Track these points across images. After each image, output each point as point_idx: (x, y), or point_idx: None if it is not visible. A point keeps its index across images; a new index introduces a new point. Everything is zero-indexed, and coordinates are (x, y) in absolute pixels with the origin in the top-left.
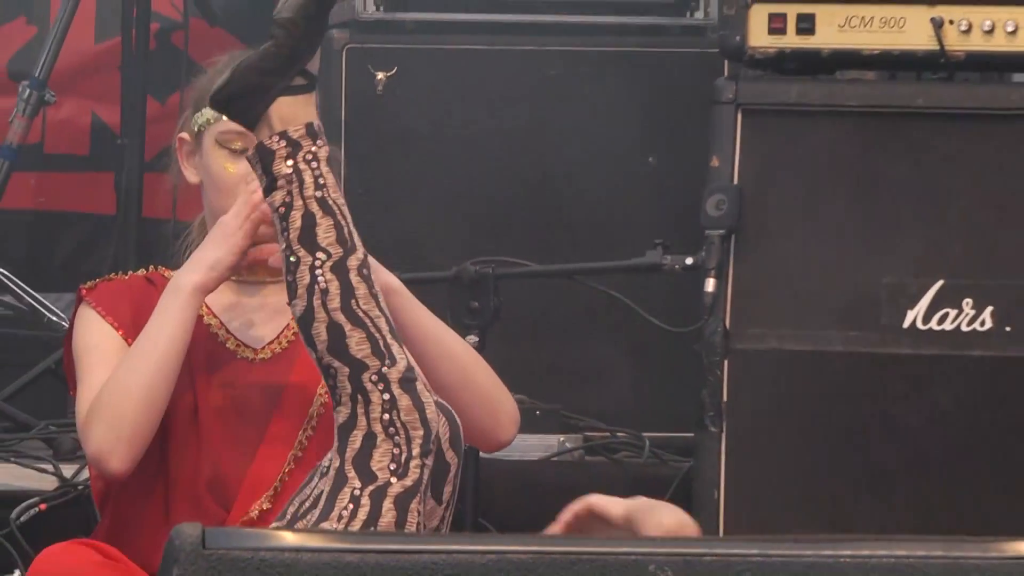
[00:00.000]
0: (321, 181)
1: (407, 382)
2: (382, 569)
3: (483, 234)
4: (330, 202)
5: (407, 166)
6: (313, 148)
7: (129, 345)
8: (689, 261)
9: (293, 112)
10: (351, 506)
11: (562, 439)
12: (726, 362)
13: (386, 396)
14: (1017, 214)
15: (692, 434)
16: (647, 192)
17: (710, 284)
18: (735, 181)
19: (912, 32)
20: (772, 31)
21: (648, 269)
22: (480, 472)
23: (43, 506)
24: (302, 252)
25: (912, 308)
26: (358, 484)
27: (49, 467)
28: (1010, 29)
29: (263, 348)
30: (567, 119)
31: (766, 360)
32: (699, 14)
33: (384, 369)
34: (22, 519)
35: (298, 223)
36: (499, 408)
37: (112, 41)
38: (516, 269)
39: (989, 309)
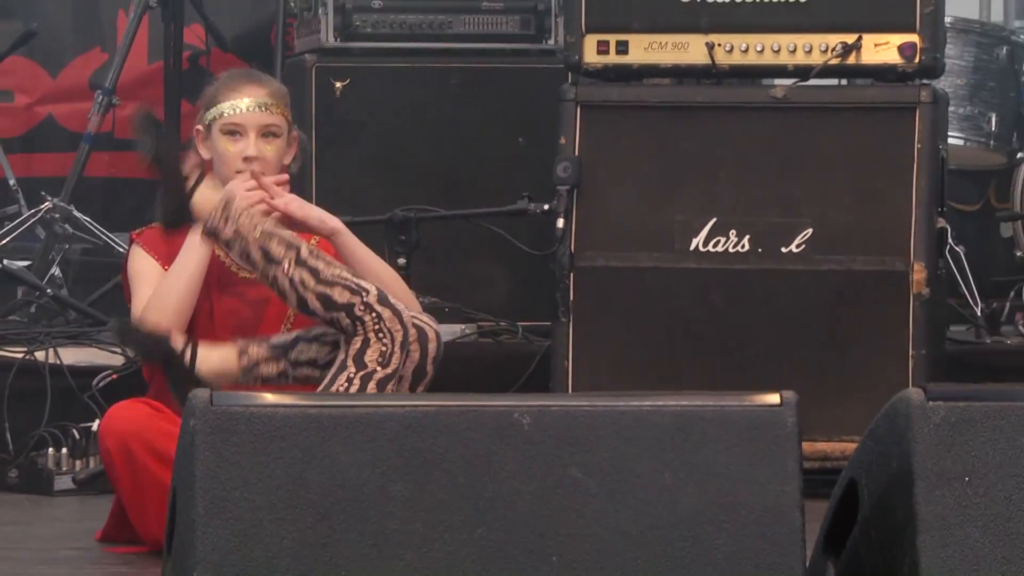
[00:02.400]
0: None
1: (383, 300)
2: (331, 418)
3: (408, 189)
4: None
5: (357, 145)
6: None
7: (165, 271)
8: (546, 207)
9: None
10: (345, 384)
11: (463, 327)
12: (571, 275)
13: (372, 314)
14: (764, 172)
15: (550, 323)
16: (519, 161)
17: (560, 223)
18: (576, 153)
19: (694, 52)
20: (599, 52)
21: (519, 213)
22: None
23: (114, 376)
24: (271, 268)
25: (696, 237)
26: (353, 370)
27: (118, 351)
28: (759, 49)
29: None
30: (464, 113)
31: (598, 273)
32: (551, 41)
33: (365, 298)
34: (99, 385)
35: (259, 254)
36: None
37: (158, 63)
38: (430, 214)
39: (747, 237)
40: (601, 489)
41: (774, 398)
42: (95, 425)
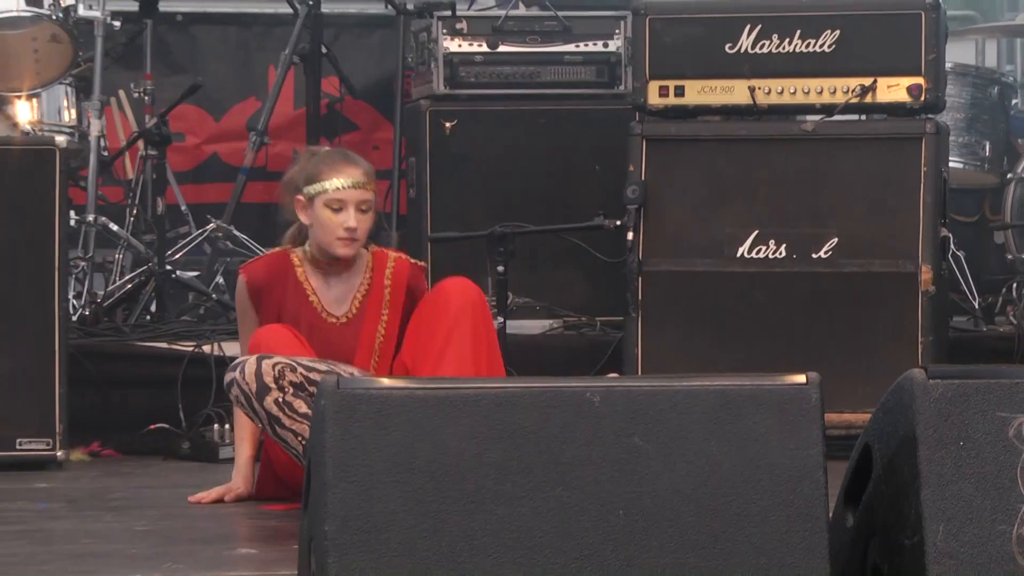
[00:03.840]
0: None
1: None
2: (436, 397)
3: (505, 209)
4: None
5: (463, 174)
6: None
7: (256, 319)
8: (618, 223)
9: None
10: None
11: (551, 322)
12: (639, 278)
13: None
14: (796, 192)
15: (622, 318)
16: (596, 185)
17: (630, 235)
18: (642, 178)
19: (738, 94)
20: (661, 95)
21: (596, 228)
22: (507, 340)
23: None
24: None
25: (741, 246)
26: None
27: None
28: (792, 91)
29: (342, 316)
30: (550, 146)
31: (661, 276)
32: (621, 87)
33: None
34: None
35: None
36: None
37: (302, 109)
38: (523, 229)
39: (783, 245)
40: (658, 454)
41: (801, 378)
42: None
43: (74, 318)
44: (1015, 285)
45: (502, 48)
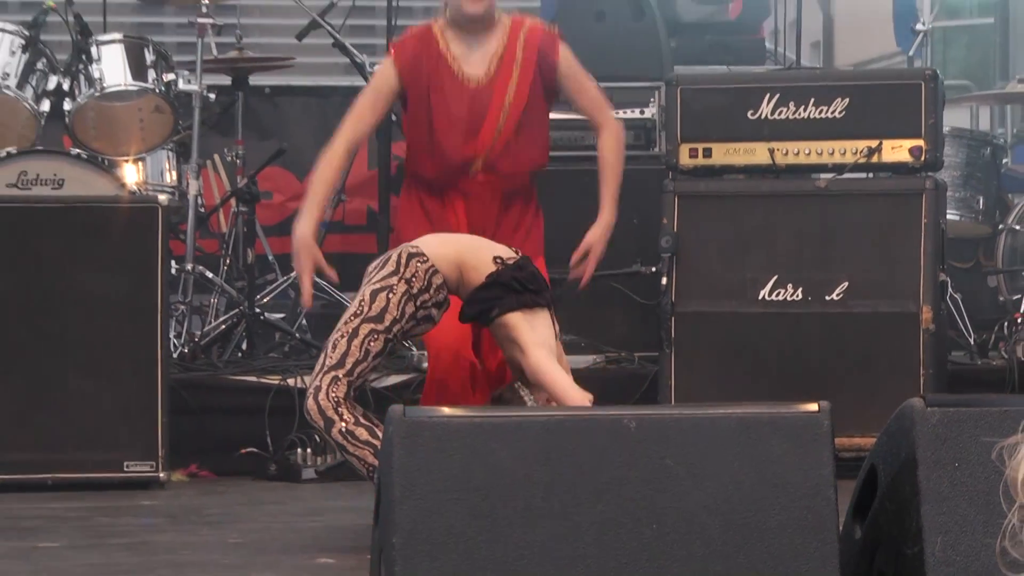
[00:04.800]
0: None
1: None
2: (490, 424)
3: (555, 253)
4: None
5: None
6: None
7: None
8: (653, 269)
9: None
10: None
11: (595, 357)
12: (672, 318)
13: None
14: (811, 241)
15: (657, 353)
16: (633, 235)
17: (664, 280)
18: (675, 230)
19: (759, 155)
20: (691, 156)
21: (635, 273)
22: None
23: None
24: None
25: (763, 289)
26: None
27: None
28: (807, 152)
29: (479, 78)
30: (596, 200)
31: (692, 317)
32: (656, 149)
33: None
34: None
35: None
36: None
37: (375, 170)
38: (565, 275)
39: (800, 288)
40: (687, 475)
41: (814, 406)
42: None
43: (175, 355)
44: (1006, 324)
45: (553, 115)
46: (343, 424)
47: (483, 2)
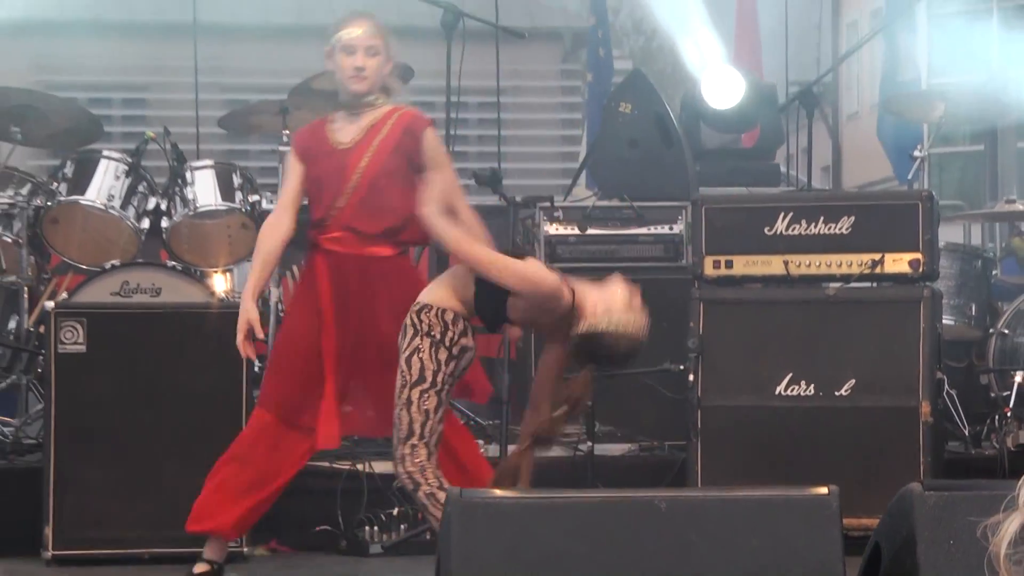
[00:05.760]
0: None
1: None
2: (537, 505)
3: None
4: None
5: None
6: None
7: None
8: (681, 367)
9: None
10: None
11: (629, 446)
12: (699, 410)
13: None
14: (822, 343)
15: (685, 442)
16: (663, 337)
17: (691, 377)
18: (701, 332)
19: (775, 266)
20: (714, 267)
21: (665, 371)
22: (595, 460)
23: None
24: None
25: (779, 385)
26: None
27: None
28: (817, 264)
29: (346, 144)
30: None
31: (716, 409)
32: (683, 261)
33: None
34: (398, 486)
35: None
36: None
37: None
38: (608, 372)
39: (812, 385)
40: (711, 548)
41: (824, 489)
42: (395, 511)
43: None
44: (997, 417)
45: (590, 231)
46: (428, 487)
47: (365, 82)
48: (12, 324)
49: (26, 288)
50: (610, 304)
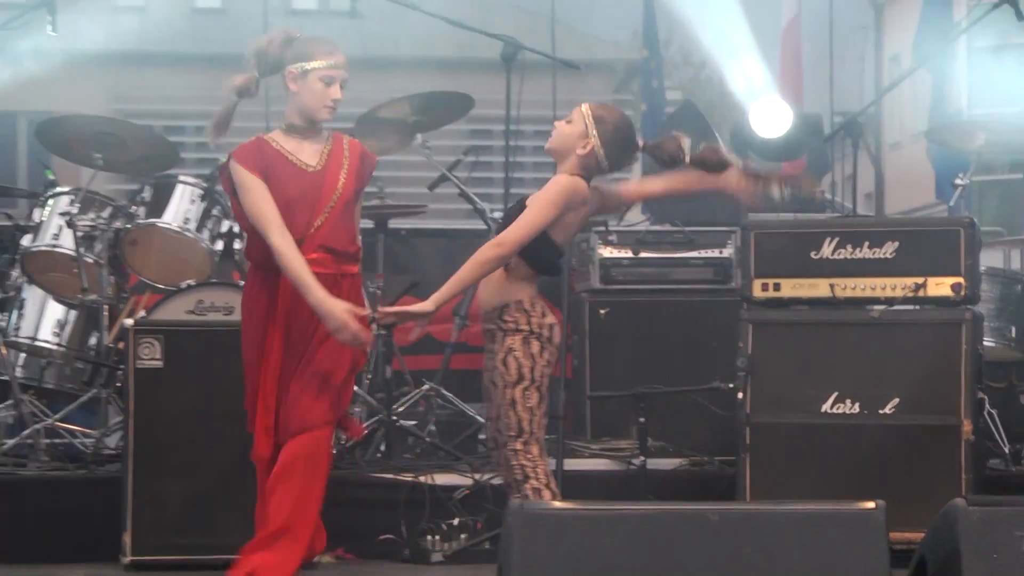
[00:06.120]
0: None
1: None
2: (593, 516)
3: (646, 373)
4: None
5: (615, 348)
6: None
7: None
8: (731, 386)
9: None
10: None
11: (680, 460)
12: (747, 427)
13: None
14: (866, 364)
15: (734, 457)
16: (713, 357)
17: (740, 395)
18: (749, 352)
19: (821, 289)
20: (763, 290)
21: (715, 389)
22: (648, 474)
23: (467, 491)
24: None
25: (825, 403)
26: None
27: (468, 475)
28: (863, 287)
29: (314, 165)
30: (680, 335)
31: (764, 427)
32: (733, 284)
33: None
34: (459, 496)
35: None
36: None
37: None
38: (659, 390)
39: (857, 403)
40: (760, 560)
41: (871, 504)
42: (456, 521)
43: None
44: None
45: (643, 254)
46: (536, 483)
47: (332, 111)
48: (93, 340)
49: (106, 306)
50: None
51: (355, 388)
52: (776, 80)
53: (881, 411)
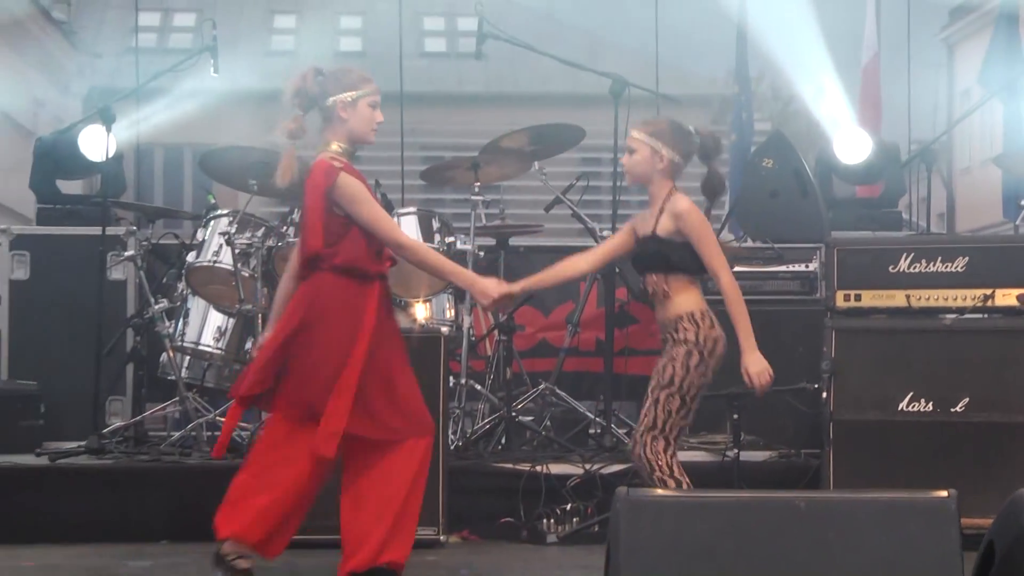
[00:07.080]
0: None
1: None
2: (694, 503)
3: (739, 376)
4: None
5: None
6: None
7: None
8: (816, 386)
9: None
10: None
11: (770, 453)
12: (831, 424)
13: None
14: (939, 367)
15: (819, 450)
16: (800, 360)
17: (824, 394)
18: (833, 356)
19: (898, 300)
20: (845, 300)
21: (801, 390)
22: (740, 465)
23: (578, 479)
24: None
25: (902, 402)
26: None
27: (580, 464)
28: (936, 298)
29: None
30: (769, 340)
31: (847, 423)
32: (818, 295)
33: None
34: (571, 484)
35: None
36: None
37: (602, 309)
38: (748, 390)
39: (931, 403)
40: (844, 546)
41: (944, 493)
42: (569, 506)
43: (452, 447)
44: None
45: (737, 268)
46: (660, 473)
47: (375, 134)
48: (248, 345)
49: (260, 315)
50: None
51: (478, 387)
52: (857, 112)
53: (953, 409)
